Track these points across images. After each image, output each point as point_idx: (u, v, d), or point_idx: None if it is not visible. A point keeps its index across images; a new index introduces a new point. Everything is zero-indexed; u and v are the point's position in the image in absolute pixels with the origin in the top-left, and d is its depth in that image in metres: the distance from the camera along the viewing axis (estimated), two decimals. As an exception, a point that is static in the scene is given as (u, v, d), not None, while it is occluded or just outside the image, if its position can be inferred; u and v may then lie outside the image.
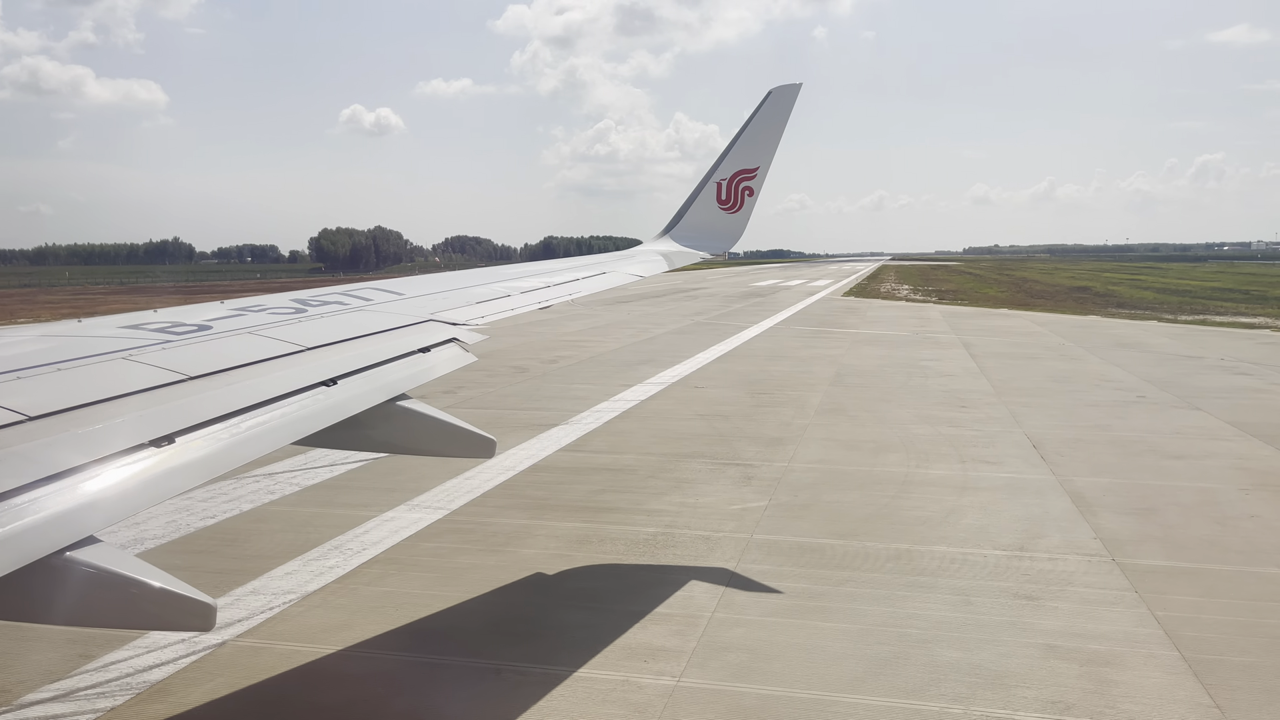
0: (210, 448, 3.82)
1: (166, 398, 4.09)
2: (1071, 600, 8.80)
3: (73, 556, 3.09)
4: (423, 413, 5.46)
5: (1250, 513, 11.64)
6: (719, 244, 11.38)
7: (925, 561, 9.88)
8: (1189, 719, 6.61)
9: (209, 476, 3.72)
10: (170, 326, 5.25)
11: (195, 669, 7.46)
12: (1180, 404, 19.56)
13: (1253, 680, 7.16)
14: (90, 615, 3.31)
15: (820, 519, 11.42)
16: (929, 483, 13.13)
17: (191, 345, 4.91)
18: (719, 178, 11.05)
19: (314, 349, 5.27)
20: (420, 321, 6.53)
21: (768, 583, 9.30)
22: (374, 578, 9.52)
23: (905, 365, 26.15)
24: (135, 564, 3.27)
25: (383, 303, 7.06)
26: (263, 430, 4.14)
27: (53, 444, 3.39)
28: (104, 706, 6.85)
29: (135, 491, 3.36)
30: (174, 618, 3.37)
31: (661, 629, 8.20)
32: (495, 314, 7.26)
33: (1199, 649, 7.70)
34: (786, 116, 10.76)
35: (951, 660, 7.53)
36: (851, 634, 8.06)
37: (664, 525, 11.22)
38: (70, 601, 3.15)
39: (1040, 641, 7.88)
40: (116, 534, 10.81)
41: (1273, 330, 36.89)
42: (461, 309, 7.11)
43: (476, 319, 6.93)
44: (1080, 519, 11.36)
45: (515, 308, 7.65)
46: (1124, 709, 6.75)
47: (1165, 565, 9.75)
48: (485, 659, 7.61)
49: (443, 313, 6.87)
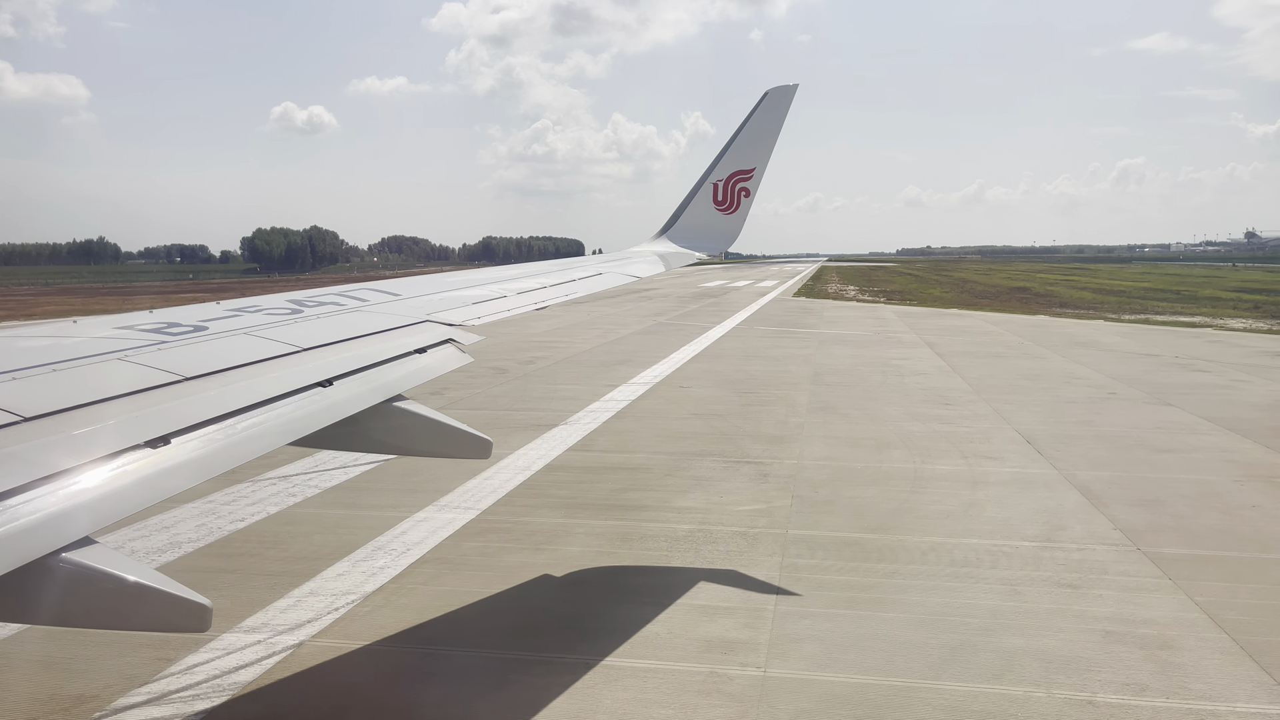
0: (206, 449, 3.83)
1: (162, 398, 4.10)
2: (1112, 588, 9.18)
3: (69, 557, 3.09)
4: (419, 413, 5.50)
5: (1250, 503, 12.20)
6: (715, 245, 11.52)
7: (961, 553, 10.21)
8: (1258, 696, 6.99)
9: (205, 477, 3.74)
10: (165, 327, 5.27)
11: (280, 669, 7.46)
12: (1152, 400, 20.30)
13: (1303, 659, 7.58)
14: (86, 616, 3.32)
15: (847, 514, 11.70)
16: (939, 478, 13.50)
17: (187, 346, 4.93)
18: (715, 179, 11.12)
19: (310, 350, 5.30)
20: (416, 322, 6.56)
21: (817, 576, 9.53)
22: (428, 577, 9.55)
23: (878, 364, 26.68)
24: (131, 565, 3.28)
25: (379, 303, 7.09)
26: (259, 431, 4.16)
27: (48, 445, 3.40)
28: (201, 709, 6.83)
29: (131, 492, 3.36)
30: (170, 619, 3.35)
31: (730, 622, 8.38)
32: (491, 315, 7.31)
33: (1246, 632, 8.11)
34: (783, 117, 10.83)
35: (1018, 647, 7.84)
36: (914, 623, 8.32)
37: (697, 522, 11.40)
38: (66, 602, 3.15)
39: (1096, 627, 8.22)
40: (150, 538, 10.71)
41: (1214, 329, 38.30)
42: (457, 310, 7.17)
43: (473, 319, 6.99)
44: (1094, 511, 11.80)
45: (511, 309, 7.70)
46: (1194, 689, 7.10)
47: (1188, 554, 10.20)
48: (571, 654, 7.72)
49: (439, 313, 6.91)
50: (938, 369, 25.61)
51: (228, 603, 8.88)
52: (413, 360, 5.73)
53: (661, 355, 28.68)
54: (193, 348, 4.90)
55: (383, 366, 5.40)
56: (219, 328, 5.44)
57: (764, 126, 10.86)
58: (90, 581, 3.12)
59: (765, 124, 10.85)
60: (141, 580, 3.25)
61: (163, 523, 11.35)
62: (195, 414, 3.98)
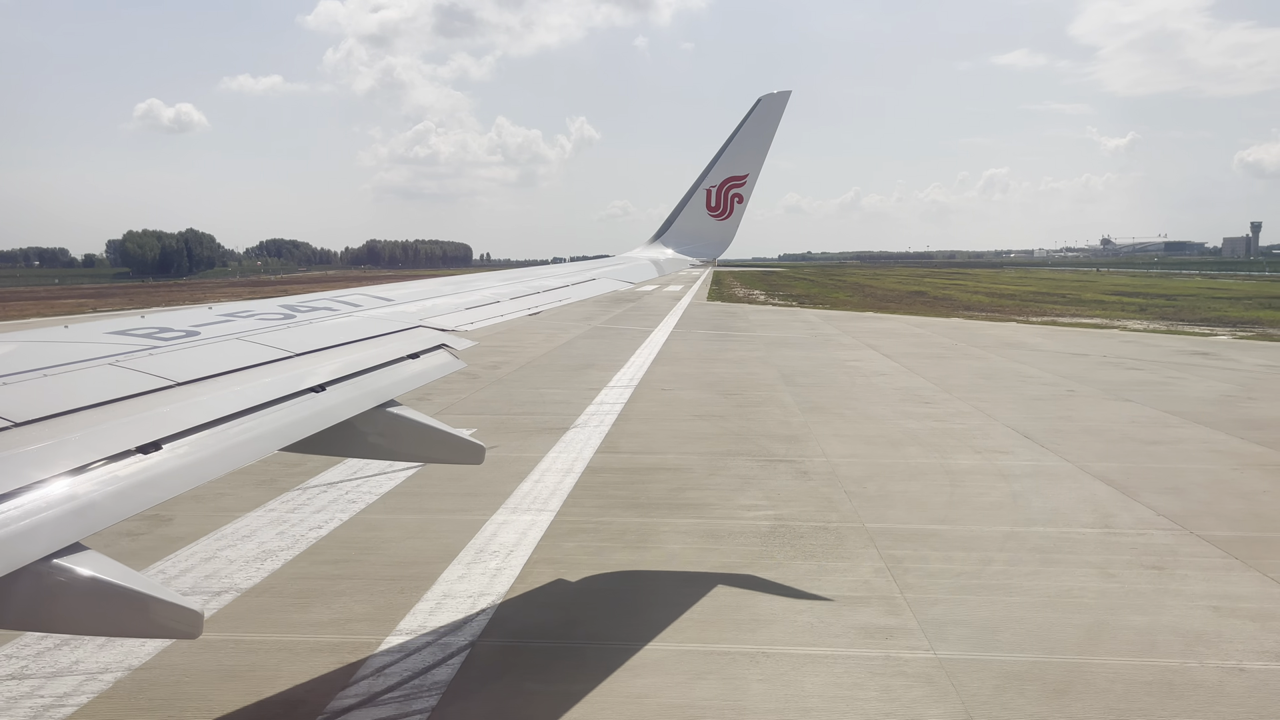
0: (198, 454, 3.82)
1: (154, 404, 4.07)
2: (1191, 568, 9.94)
3: (59, 564, 3.09)
4: (412, 419, 5.50)
5: (1260, 489, 13.25)
6: (708, 250, 11.56)
7: (1036, 541, 10.85)
8: (1380, 657, 7.76)
9: (197, 483, 3.72)
10: (157, 332, 5.26)
11: (471, 668, 7.52)
12: (1110, 396, 21.63)
13: (1396, 624, 8.42)
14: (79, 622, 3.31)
15: (908, 508, 12.25)
16: (967, 472, 14.20)
17: (179, 351, 4.92)
18: (708, 185, 11.19)
19: (302, 355, 5.28)
20: (410, 328, 6.56)
21: (921, 565, 10.01)
22: (548, 576, 9.67)
23: (835, 366, 27.56)
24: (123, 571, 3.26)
25: (372, 308, 7.07)
26: (251, 436, 4.16)
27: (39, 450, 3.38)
28: (422, 707, 6.87)
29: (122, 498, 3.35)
30: (161, 625, 3.35)
31: (871, 610, 8.78)
32: (485, 320, 7.33)
33: (1333, 602, 8.94)
34: (776, 124, 10.94)
35: (1147, 623, 8.46)
36: (1040, 605, 8.87)
37: (772, 519, 11.77)
38: (57, 609, 3.16)
39: (1202, 604, 8.93)
40: (237, 547, 10.51)
41: (1120, 330, 40.71)
42: (451, 315, 7.16)
43: (466, 325, 6.99)
44: (1128, 500, 12.65)
45: (505, 314, 7.74)
46: (1323, 653, 7.83)
47: (1236, 535, 11.07)
48: (744, 644, 7.99)
49: (432, 319, 6.92)
50: (894, 369, 26.61)
51: (368, 607, 8.84)
52: (405, 366, 5.75)
53: (621, 359, 28.95)
54: (184, 353, 4.90)
55: (375, 372, 5.42)
56: (211, 333, 5.45)
57: (757, 133, 10.93)
58: (82, 587, 3.12)
59: (758, 130, 10.92)
60: (133, 586, 3.24)
61: (239, 531, 11.12)
62: (187, 419, 3.98)
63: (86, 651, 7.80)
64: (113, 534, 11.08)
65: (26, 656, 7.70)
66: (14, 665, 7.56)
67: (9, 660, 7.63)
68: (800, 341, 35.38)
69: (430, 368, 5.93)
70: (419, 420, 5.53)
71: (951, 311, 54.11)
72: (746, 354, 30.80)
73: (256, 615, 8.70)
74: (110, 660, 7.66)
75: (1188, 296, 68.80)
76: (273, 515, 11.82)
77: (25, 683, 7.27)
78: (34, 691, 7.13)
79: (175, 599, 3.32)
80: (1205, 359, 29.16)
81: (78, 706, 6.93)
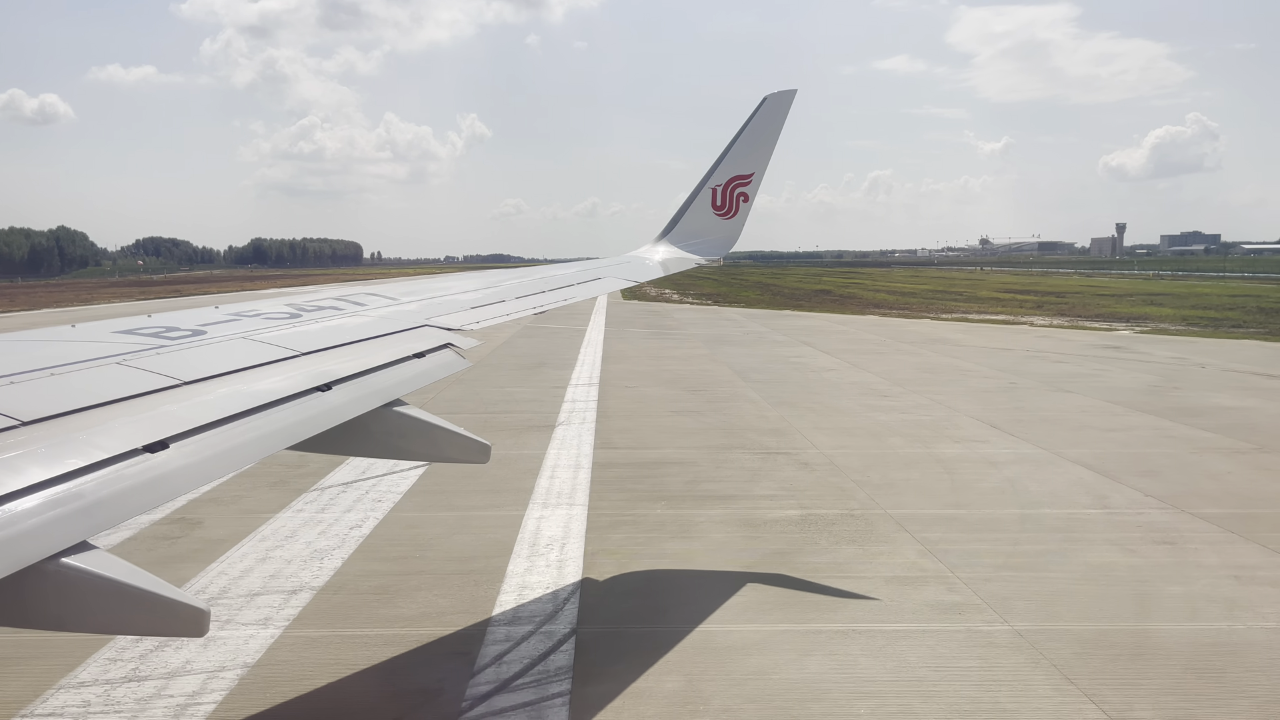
0: (204, 453, 3.83)
1: (160, 403, 4.09)
2: (1198, 543, 10.80)
3: (67, 562, 3.11)
4: (418, 418, 5.53)
5: (1223, 470, 14.35)
6: (714, 249, 11.64)
7: (1050, 522, 11.59)
8: (1395, 615, 8.67)
9: (204, 482, 3.76)
10: (164, 331, 5.31)
11: (585, 653, 7.75)
12: (1050, 388, 22.87)
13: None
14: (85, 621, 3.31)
15: (917, 495, 12.90)
16: (957, 460, 14.97)
17: (185, 350, 4.95)
18: (714, 183, 11.23)
19: (308, 354, 5.32)
20: (415, 326, 6.57)
21: (958, 547, 10.60)
22: (612, 567, 9.94)
23: (780, 362, 28.33)
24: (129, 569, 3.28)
25: (377, 307, 7.11)
26: (257, 435, 4.17)
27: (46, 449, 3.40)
28: (559, 690, 7.11)
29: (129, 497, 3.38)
30: (168, 623, 3.36)
31: (932, 589, 9.32)
32: (490, 319, 7.37)
33: (1334, 568, 9.88)
34: (782, 122, 10.98)
35: (1184, 592, 9.21)
36: (1082, 579, 9.54)
37: (798, 507, 12.25)
38: (65, 607, 3.18)
39: (1223, 574, 9.73)
40: (284, 548, 10.47)
41: (1029, 326, 42.76)
42: (456, 314, 7.21)
43: (471, 324, 7.02)
44: (1113, 482, 13.57)
45: (510, 313, 7.77)
46: (1344, 613, 8.69)
47: (1224, 512, 12.03)
48: (831, 622, 8.43)
49: (437, 318, 6.94)
50: (839, 365, 27.52)
51: (452, 600, 8.99)
52: (411, 365, 5.76)
53: (570, 358, 29.17)
54: (191, 352, 4.94)
55: (381, 371, 5.44)
56: (217, 332, 5.49)
57: (762, 131, 10.99)
58: (89, 586, 3.14)
59: (764, 129, 10.99)
60: (140, 585, 3.25)
61: (279, 532, 11.08)
62: (194, 418, 4.00)
63: (191, 652, 7.77)
64: (150, 538, 10.92)
65: (130, 660, 7.63)
66: (124, 669, 7.49)
67: (114, 664, 7.55)
68: (737, 339, 36.14)
69: (436, 366, 5.98)
70: (425, 419, 5.57)
71: (863, 309, 55.84)
72: (691, 351, 31.35)
73: (344, 611, 8.74)
74: (221, 659, 7.66)
75: (1074, 293, 72.29)
76: (303, 516, 11.75)
77: (146, 684, 7.22)
78: (160, 692, 7.10)
79: (183, 597, 3.33)
80: (1119, 352, 30.96)
81: (215, 704, 6.94)
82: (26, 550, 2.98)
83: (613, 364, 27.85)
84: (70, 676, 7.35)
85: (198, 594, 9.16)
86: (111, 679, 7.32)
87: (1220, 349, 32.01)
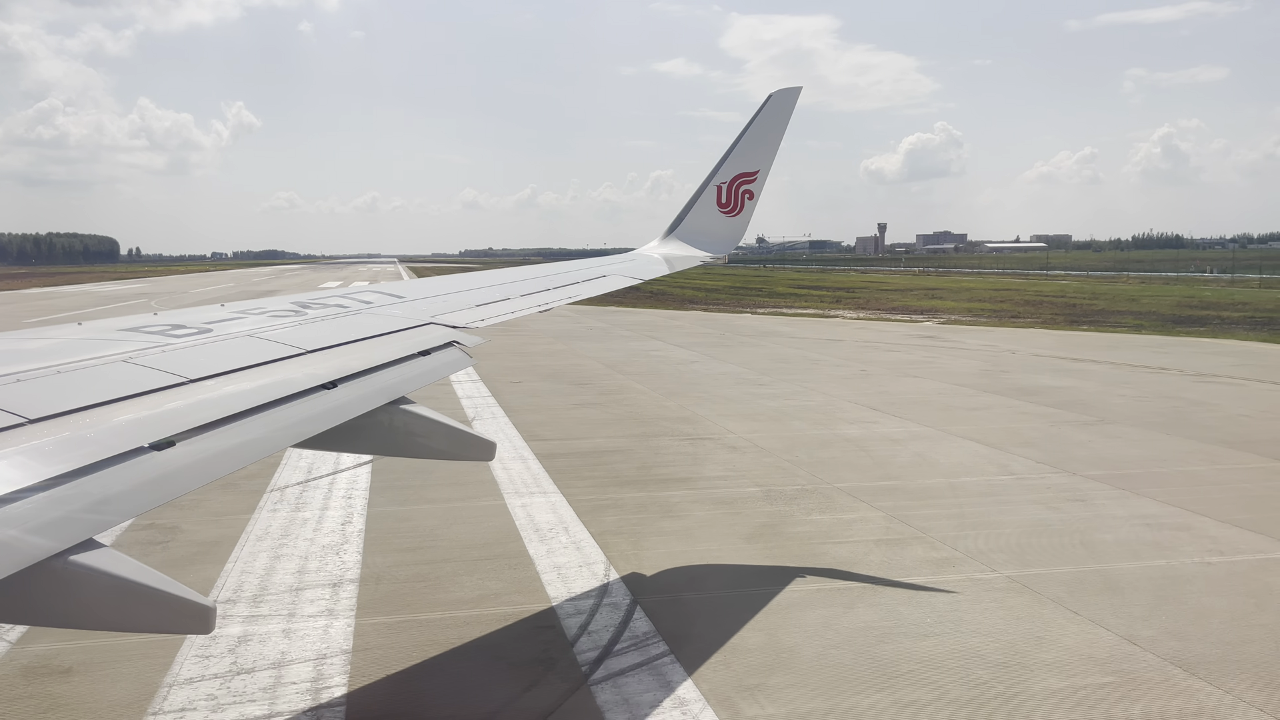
0: (210, 451, 3.84)
1: (166, 400, 4.10)
2: (1102, 499, 12.57)
3: (74, 560, 3.10)
4: (425, 416, 5.54)
5: (1084, 439, 16.51)
6: (719, 247, 11.99)
7: (979, 488, 13.13)
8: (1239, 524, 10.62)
9: (209, 479, 3.77)
10: (170, 329, 5.36)
11: (660, 619, 8.41)
12: (899, 374, 25.04)
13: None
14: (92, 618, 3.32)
15: (850, 471, 14.19)
16: (863, 439, 16.43)
17: (192, 348, 4.98)
18: (719, 181, 11.46)
19: (314, 352, 5.34)
20: (421, 324, 6.61)
21: (924, 511, 11.90)
22: (626, 544, 10.58)
23: (642, 355, 29.42)
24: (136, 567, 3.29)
25: (383, 305, 7.15)
26: (263, 433, 4.17)
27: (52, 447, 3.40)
28: (659, 652, 7.73)
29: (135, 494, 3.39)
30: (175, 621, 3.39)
31: (920, 548, 10.52)
32: (495, 317, 7.43)
33: (1209, 506, 11.83)
34: (787, 119, 11.12)
35: (1116, 539, 10.82)
36: (1029, 533, 10.99)
37: (754, 485, 13.26)
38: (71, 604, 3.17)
39: (1137, 522, 11.45)
40: (291, 544, 10.48)
41: (841, 319, 45.91)
42: (462, 312, 7.25)
43: (477, 322, 7.07)
44: (1004, 452, 15.39)
45: (515, 310, 7.86)
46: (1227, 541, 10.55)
47: (1106, 473, 13.98)
48: (849, 581, 9.45)
49: (443, 315, 6.98)
50: (698, 358, 28.89)
51: (500, 584, 9.40)
52: (417, 363, 5.76)
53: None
54: (198, 350, 4.97)
55: (386, 369, 5.45)
56: (224, 330, 5.53)
57: (768, 129, 11.15)
58: (95, 584, 3.14)
59: (769, 126, 11.14)
60: (147, 582, 3.26)
61: (270, 531, 11.03)
62: (200, 416, 4.02)
63: (277, 644, 7.89)
64: (135, 543, 10.67)
65: (216, 655, 7.66)
66: (221, 664, 7.53)
67: (206, 661, 7.57)
68: (584, 334, 36.94)
69: (441, 365, 5.98)
70: (431, 417, 5.58)
71: (682, 305, 57.87)
72: (547, 347, 31.90)
73: (400, 598, 8.99)
74: (315, 647, 7.84)
75: (860, 289, 77.59)
76: (281, 516, 11.70)
77: (258, 675, 7.32)
78: (280, 680, 7.24)
79: (189, 594, 3.33)
80: (936, 341, 34.01)
81: (345, 686, 7.16)
82: (33, 548, 2.97)
83: (482, 361, 27.97)
84: (171, 675, 7.32)
85: (236, 591, 9.13)
86: (218, 673, 7.35)
87: (1015, 337, 35.71)
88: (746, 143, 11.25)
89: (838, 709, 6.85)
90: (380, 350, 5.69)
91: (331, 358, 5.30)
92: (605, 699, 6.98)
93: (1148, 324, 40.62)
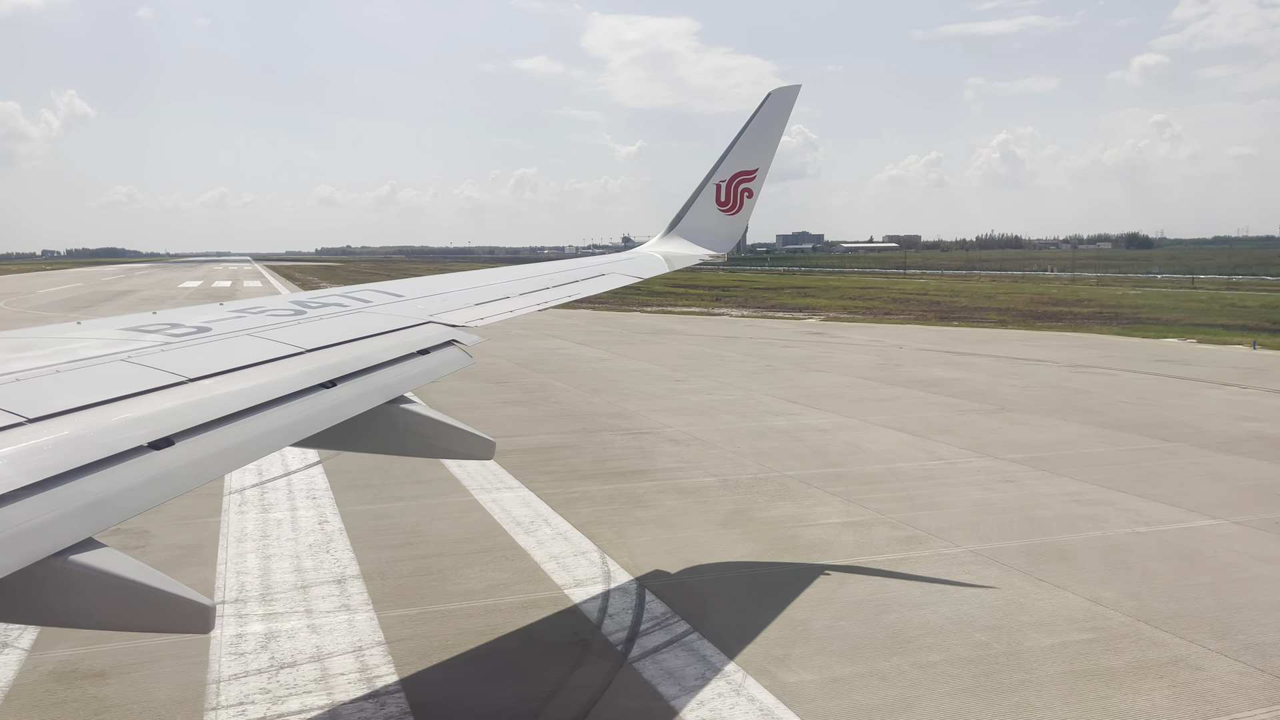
0: (209, 450, 3.85)
1: (166, 400, 4.10)
2: (1027, 479, 13.67)
3: (73, 559, 3.11)
4: (423, 414, 5.53)
5: (991, 427, 17.76)
6: (719, 244, 11.66)
7: (920, 472, 14.06)
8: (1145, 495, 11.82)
9: (209, 478, 3.78)
10: (169, 328, 5.37)
11: (674, 600, 8.86)
12: (803, 369, 26.10)
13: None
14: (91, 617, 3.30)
15: (793, 460, 14.93)
16: (794, 429, 17.23)
17: (191, 347, 4.98)
18: (718, 179, 11.31)
19: (313, 351, 5.33)
20: (420, 324, 6.57)
21: (864, 496, 12.70)
22: (610, 533, 11.00)
23: (551, 353, 29.76)
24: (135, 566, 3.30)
25: (382, 305, 7.12)
26: (262, 432, 4.19)
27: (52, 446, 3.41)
28: (683, 630, 8.20)
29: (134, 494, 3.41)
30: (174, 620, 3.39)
31: (884, 529, 11.29)
32: (494, 316, 7.41)
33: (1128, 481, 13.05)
34: (786, 118, 11.03)
35: (1053, 514, 11.84)
36: (974, 511, 11.93)
37: (709, 475, 13.85)
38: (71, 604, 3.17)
39: (1066, 498, 12.56)
40: (274, 544, 10.49)
41: (727, 316, 47.13)
42: (460, 311, 7.21)
43: (476, 320, 7.05)
44: (926, 440, 16.43)
45: (514, 310, 7.81)
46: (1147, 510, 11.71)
47: (1024, 456, 15.14)
48: (836, 559, 10.12)
49: (442, 315, 6.94)
50: (605, 355, 29.37)
51: (505, 574, 9.68)
52: (416, 362, 5.75)
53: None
54: (196, 349, 4.98)
55: (385, 368, 5.44)
56: (222, 329, 5.53)
57: (766, 127, 11.09)
58: (95, 583, 3.15)
59: (768, 125, 11.09)
60: (147, 582, 3.27)
61: (247, 533, 10.97)
62: (199, 415, 4.02)
63: (306, 639, 7.99)
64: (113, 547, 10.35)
65: (249, 653, 7.72)
66: (260, 660, 7.60)
67: (241, 659, 7.62)
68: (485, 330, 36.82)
69: (440, 364, 5.93)
70: (430, 416, 5.57)
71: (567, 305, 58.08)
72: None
73: (411, 591, 9.18)
74: (348, 639, 8.01)
75: (734, 287, 79.53)
76: (251, 518, 11.67)
77: (301, 670, 7.46)
78: (328, 672, 7.39)
79: (190, 594, 3.34)
80: (825, 337, 35.45)
81: (393, 673, 7.37)
82: (33, 547, 2.97)
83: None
84: (213, 673, 7.36)
85: (240, 591, 9.12)
86: (259, 669, 7.45)
87: (895, 332, 37.54)
88: (745, 141, 11.18)
89: (866, 672, 7.46)
90: (379, 349, 5.67)
91: (330, 357, 5.28)
92: (651, 674, 7.40)
93: (1010, 319, 43.26)
